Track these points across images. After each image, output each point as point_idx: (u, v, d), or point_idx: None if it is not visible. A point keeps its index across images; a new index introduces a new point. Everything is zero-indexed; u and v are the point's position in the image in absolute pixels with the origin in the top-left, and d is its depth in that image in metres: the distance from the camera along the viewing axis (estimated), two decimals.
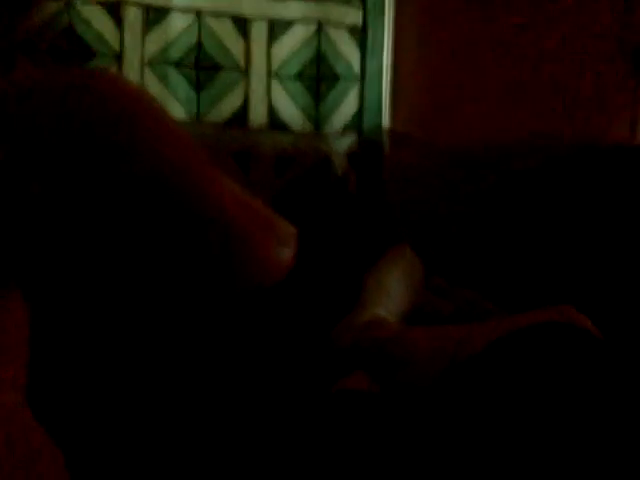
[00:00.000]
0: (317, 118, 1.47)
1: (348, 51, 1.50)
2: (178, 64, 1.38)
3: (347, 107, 1.48)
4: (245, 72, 1.44)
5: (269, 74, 1.45)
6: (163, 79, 1.37)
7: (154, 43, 1.35)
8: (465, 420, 0.87)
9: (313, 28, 1.47)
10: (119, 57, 1.33)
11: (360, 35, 1.49)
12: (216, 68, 1.41)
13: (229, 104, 1.43)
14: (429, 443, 0.86)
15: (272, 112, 1.45)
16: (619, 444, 0.81)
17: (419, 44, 1.48)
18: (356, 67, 1.50)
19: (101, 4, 1.30)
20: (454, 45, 1.47)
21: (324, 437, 0.87)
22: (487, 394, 0.89)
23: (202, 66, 1.39)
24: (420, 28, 1.47)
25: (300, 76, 1.47)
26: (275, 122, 1.45)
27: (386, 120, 1.50)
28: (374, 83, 1.48)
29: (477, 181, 1.35)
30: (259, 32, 1.44)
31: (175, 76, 1.38)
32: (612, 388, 0.88)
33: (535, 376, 0.88)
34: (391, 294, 1.13)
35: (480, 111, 1.44)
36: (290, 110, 1.46)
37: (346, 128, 1.49)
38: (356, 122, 1.48)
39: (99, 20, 1.30)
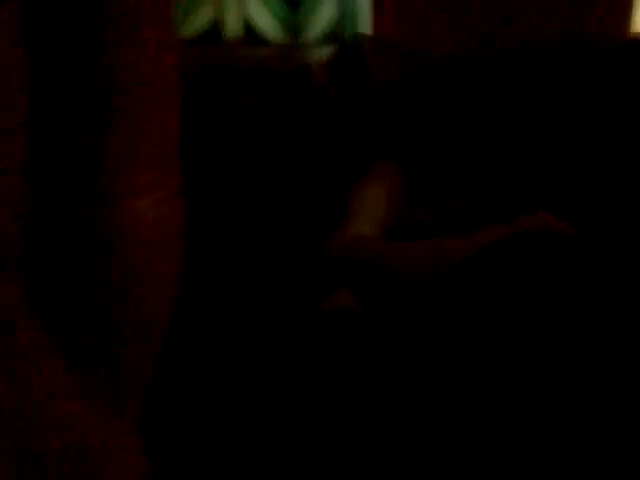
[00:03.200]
0: (295, 28, 1.41)
1: None
2: None
3: (325, 15, 1.42)
4: None
5: None
6: None
7: None
8: (453, 335, 0.88)
9: None
10: None
11: None
12: None
13: (200, 17, 1.36)
14: (419, 357, 0.88)
15: (247, 24, 1.39)
16: (601, 337, 0.83)
17: None
18: None
19: None
20: None
21: (318, 357, 0.88)
22: (475, 305, 0.90)
23: None
24: None
25: None
26: (251, 34, 1.39)
27: (367, 28, 1.44)
28: None
29: (462, 89, 1.31)
30: None
31: None
32: (593, 295, 0.89)
33: (522, 286, 0.89)
34: (376, 210, 1.13)
35: (462, 15, 1.38)
36: (266, 21, 1.40)
37: (326, 37, 1.43)
38: (336, 31, 1.42)
39: None
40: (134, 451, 0.40)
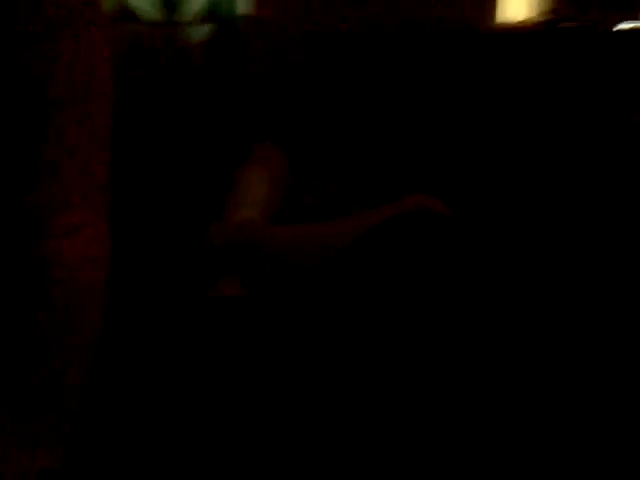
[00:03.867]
0: (170, 6, 1.37)
1: None
2: None
3: None
4: None
5: None
6: None
7: None
8: (338, 315, 0.92)
9: None
10: None
11: None
12: None
13: None
14: (305, 339, 0.90)
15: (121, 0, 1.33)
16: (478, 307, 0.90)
17: None
18: None
19: None
20: None
21: (204, 343, 0.89)
22: (357, 288, 0.94)
23: None
24: None
25: None
26: (123, 11, 1.34)
27: (242, 7, 1.43)
28: None
29: (337, 68, 1.34)
30: None
31: None
32: (468, 265, 0.96)
33: (401, 265, 0.94)
34: (259, 194, 1.13)
35: None
36: None
37: (202, 17, 1.40)
38: (211, 10, 1.40)
39: None
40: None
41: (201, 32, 1.38)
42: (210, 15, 1.40)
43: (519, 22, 1.46)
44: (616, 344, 0.84)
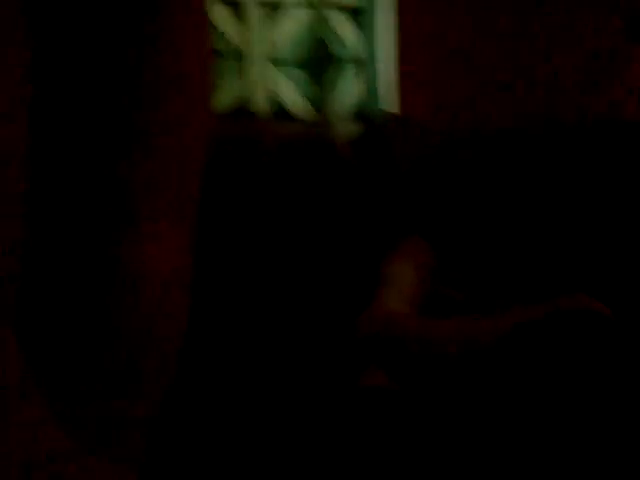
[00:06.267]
0: (320, 105, 1.44)
1: (348, 34, 1.46)
2: None
3: (351, 92, 1.45)
4: (243, 58, 1.41)
5: (269, 60, 1.42)
6: None
7: None
8: (493, 413, 0.87)
9: (312, 11, 1.44)
10: None
11: (361, 18, 1.46)
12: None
13: (230, 92, 1.40)
14: (455, 439, 0.86)
15: (274, 100, 1.42)
16: None
17: (423, 28, 1.44)
18: (358, 51, 1.46)
19: None
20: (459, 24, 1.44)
21: (353, 433, 0.87)
22: (513, 383, 0.89)
23: None
24: (424, 10, 1.44)
25: (301, 62, 1.44)
26: (278, 110, 1.42)
27: (391, 105, 1.48)
28: (378, 68, 1.45)
29: (490, 167, 1.33)
30: (256, 16, 1.41)
31: None
32: (632, 369, 0.89)
33: (562, 362, 0.89)
34: (407, 286, 1.13)
35: (489, 94, 1.42)
36: (293, 98, 1.44)
37: (351, 114, 1.46)
38: (361, 108, 1.45)
39: None
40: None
41: (349, 130, 1.43)
42: (358, 114, 1.46)
43: None
44: None
